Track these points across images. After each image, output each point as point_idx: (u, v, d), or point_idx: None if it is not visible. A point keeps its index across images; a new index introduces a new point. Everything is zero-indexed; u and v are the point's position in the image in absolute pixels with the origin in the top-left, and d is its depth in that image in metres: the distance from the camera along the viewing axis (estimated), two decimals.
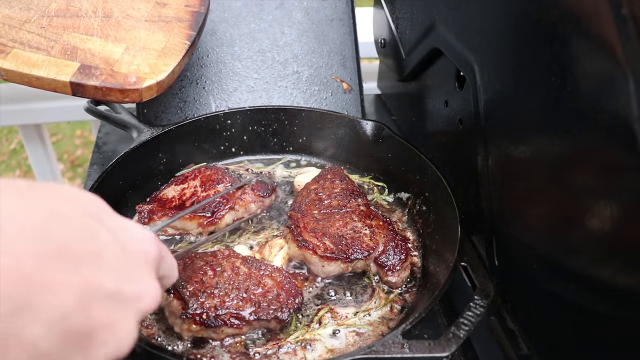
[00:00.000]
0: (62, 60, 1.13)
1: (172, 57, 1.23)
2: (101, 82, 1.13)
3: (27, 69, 1.10)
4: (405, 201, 1.34)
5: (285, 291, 1.05)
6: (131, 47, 1.22)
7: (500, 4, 0.98)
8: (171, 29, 1.29)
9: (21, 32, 1.16)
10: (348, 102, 1.59)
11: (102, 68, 1.16)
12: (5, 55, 1.11)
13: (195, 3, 1.37)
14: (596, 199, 0.79)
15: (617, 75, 0.70)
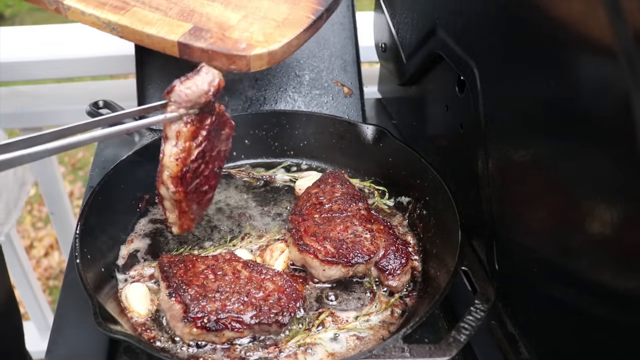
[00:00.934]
0: (176, 21, 1.13)
1: (291, 28, 1.17)
2: (209, 45, 1.10)
3: (140, 26, 1.10)
4: (405, 205, 1.34)
5: (286, 295, 1.05)
6: (250, 15, 1.18)
7: (499, 10, 0.98)
8: (297, 1, 1.24)
9: None
10: (349, 106, 1.60)
11: (214, 32, 1.13)
12: (125, 13, 1.12)
13: None
14: (596, 203, 0.79)
15: (616, 79, 0.70)
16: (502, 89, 1.01)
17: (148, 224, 1.31)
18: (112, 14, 1.12)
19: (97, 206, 1.17)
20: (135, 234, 1.28)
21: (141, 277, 1.17)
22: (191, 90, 0.93)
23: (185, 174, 1.00)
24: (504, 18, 0.97)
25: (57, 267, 4.04)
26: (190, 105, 0.94)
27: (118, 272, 1.18)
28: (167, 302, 1.04)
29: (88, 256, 1.09)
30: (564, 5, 0.80)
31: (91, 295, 0.98)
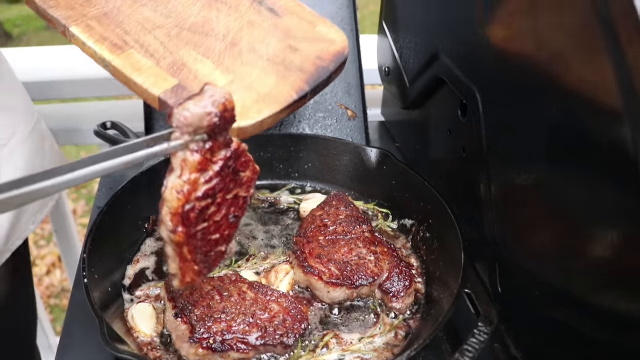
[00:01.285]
0: (164, 74, 1.11)
1: (270, 105, 1.11)
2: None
3: (130, 72, 1.09)
4: (409, 228, 1.35)
5: (291, 317, 1.06)
6: (236, 81, 1.13)
7: (502, 37, 1.01)
8: (288, 76, 1.17)
9: (149, 35, 1.16)
10: (353, 129, 1.62)
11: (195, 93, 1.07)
12: (121, 53, 1.11)
13: (327, 58, 1.22)
14: (597, 226, 0.81)
15: (617, 110, 0.72)
16: (504, 114, 1.03)
17: (154, 243, 1.32)
18: (108, 52, 1.11)
19: (105, 226, 1.19)
20: (141, 254, 1.29)
21: (147, 298, 1.18)
22: (190, 112, 0.82)
23: (189, 213, 0.87)
24: (505, 45, 0.99)
25: (58, 285, 4.04)
26: (194, 130, 0.83)
27: (124, 292, 1.19)
28: (173, 323, 1.05)
29: (95, 276, 1.10)
30: (568, 57, 0.82)
31: (99, 315, 0.99)
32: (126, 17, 1.18)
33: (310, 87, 1.16)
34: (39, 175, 0.68)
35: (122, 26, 1.16)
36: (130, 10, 1.20)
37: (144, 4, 1.22)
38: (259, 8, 1.27)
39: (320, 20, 1.29)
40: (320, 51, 1.22)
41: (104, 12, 1.18)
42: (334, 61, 1.21)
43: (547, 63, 0.87)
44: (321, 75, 1.18)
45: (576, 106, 0.81)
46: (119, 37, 1.14)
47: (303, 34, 1.24)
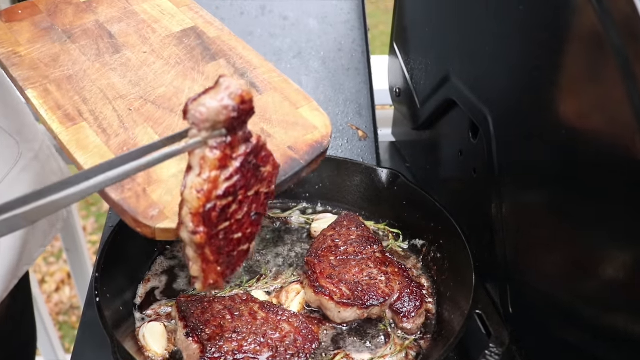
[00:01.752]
0: (109, 155, 0.99)
1: None
2: (120, 199, 0.93)
3: (73, 149, 1.00)
4: (420, 248, 1.35)
5: (302, 336, 1.06)
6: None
7: (512, 59, 1.02)
8: None
9: (108, 106, 1.07)
10: (363, 150, 1.63)
11: (139, 182, 0.96)
12: (71, 126, 1.02)
13: (302, 149, 1.07)
14: (609, 248, 0.81)
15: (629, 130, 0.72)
16: (515, 136, 1.03)
17: (165, 262, 1.33)
18: (58, 123, 1.02)
19: (117, 245, 1.20)
20: (152, 272, 1.30)
21: (158, 316, 1.19)
22: (206, 107, 0.77)
23: (210, 212, 0.82)
24: (516, 67, 1.00)
25: (67, 302, 4.05)
26: (211, 126, 0.78)
27: (135, 311, 1.20)
28: (184, 342, 1.06)
29: (107, 295, 1.11)
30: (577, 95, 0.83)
31: (110, 335, 0.99)
32: (89, 82, 1.11)
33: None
34: (54, 186, 0.66)
35: (82, 93, 1.09)
36: (97, 74, 1.13)
37: (113, 68, 1.15)
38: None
39: (305, 101, 1.17)
40: (294, 139, 1.08)
41: (68, 75, 1.11)
42: (309, 152, 1.07)
43: (558, 84, 0.88)
44: (288, 171, 1.03)
45: (588, 127, 0.82)
46: (75, 106, 1.06)
47: (281, 116, 1.12)
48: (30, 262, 1.49)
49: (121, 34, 1.22)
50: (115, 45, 1.19)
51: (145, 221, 0.91)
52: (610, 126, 0.77)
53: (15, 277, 1.42)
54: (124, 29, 1.23)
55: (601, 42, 0.75)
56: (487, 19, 1.08)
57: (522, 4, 0.95)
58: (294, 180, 1.05)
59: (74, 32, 1.19)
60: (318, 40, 1.70)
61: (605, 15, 0.74)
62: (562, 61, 0.86)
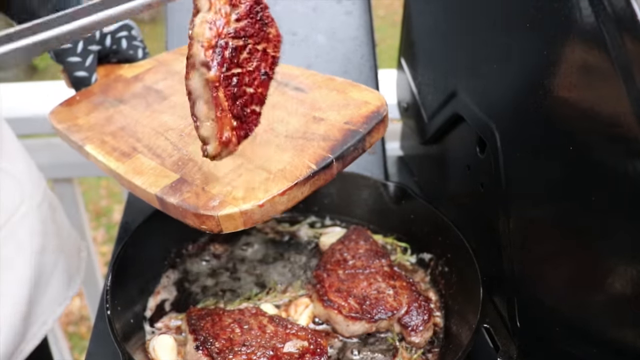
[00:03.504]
0: (167, 171, 1.01)
1: (281, 182, 0.94)
2: (179, 201, 0.94)
3: (131, 176, 1.02)
4: (427, 262, 1.36)
5: (310, 350, 1.07)
6: (246, 163, 0.99)
7: (518, 75, 1.03)
8: (307, 148, 1.01)
9: (160, 137, 1.10)
10: (371, 164, 1.64)
11: (196, 184, 0.97)
12: (127, 160, 1.06)
13: (358, 120, 1.07)
14: (618, 262, 0.81)
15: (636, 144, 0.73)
16: (522, 151, 1.04)
17: (175, 275, 1.34)
18: (115, 161, 1.06)
19: (128, 258, 1.21)
20: (162, 285, 1.31)
21: (168, 329, 1.20)
22: None
23: (222, 49, 0.81)
24: (523, 83, 1.01)
25: (77, 313, 4.07)
26: None
27: (145, 323, 1.21)
28: (194, 355, 1.07)
29: (118, 308, 1.12)
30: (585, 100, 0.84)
31: (121, 347, 1.00)
32: (141, 127, 1.15)
33: (334, 154, 1.00)
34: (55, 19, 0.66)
35: (136, 135, 1.12)
36: (148, 119, 1.17)
37: (162, 112, 1.18)
38: (283, 90, 1.18)
39: (352, 87, 1.19)
40: (349, 116, 1.09)
41: (121, 127, 1.16)
42: (367, 122, 1.07)
43: (565, 100, 0.88)
44: (349, 140, 1.03)
45: (597, 141, 0.83)
46: (130, 145, 1.10)
47: (331, 102, 1.13)
48: (46, 324, 1.48)
49: (167, 87, 1.27)
50: (162, 96, 1.24)
51: (208, 212, 0.91)
52: (618, 142, 0.78)
53: (25, 340, 1.41)
54: (169, 84, 1.28)
55: (610, 60, 0.76)
56: (494, 35, 1.10)
57: (528, 21, 0.96)
58: (359, 150, 1.06)
59: (124, 98, 1.25)
60: (327, 56, 1.71)
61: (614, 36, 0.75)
62: (569, 78, 0.87)
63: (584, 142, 0.85)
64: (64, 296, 1.55)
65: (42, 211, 1.50)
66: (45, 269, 1.47)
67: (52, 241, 1.52)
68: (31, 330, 1.42)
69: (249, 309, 1.16)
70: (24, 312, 1.38)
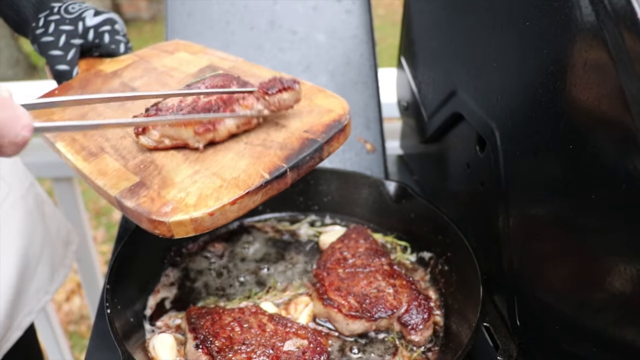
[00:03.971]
0: (127, 174, 1.02)
1: (232, 190, 0.96)
2: (135, 205, 0.96)
3: (94, 177, 1.03)
4: (427, 260, 1.36)
5: (310, 349, 1.07)
6: (203, 170, 1.01)
7: (518, 74, 1.03)
8: (264, 155, 1.03)
9: (128, 138, 1.11)
10: (371, 162, 1.64)
11: (153, 189, 0.99)
12: (93, 160, 1.07)
13: (318, 129, 1.08)
14: (617, 261, 0.81)
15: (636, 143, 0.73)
16: (522, 149, 1.04)
17: (175, 273, 1.34)
18: (82, 160, 1.08)
19: (127, 257, 1.21)
20: (162, 284, 1.31)
21: (168, 328, 1.20)
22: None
23: None
24: (523, 82, 1.01)
25: (77, 312, 4.07)
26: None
27: (145, 322, 1.21)
28: (193, 354, 1.07)
29: (118, 306, 1.12)
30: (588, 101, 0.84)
31: (121, 346, 1.00)
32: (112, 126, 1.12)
33: (288, 163, 1.01)
34: None
35: (105, 134, 1.14)
36: (120, 117, 1.18)
37: (133, 111, 1.18)
38: None
39: (319, 92, 1.19)
40: (310, 124, 1.09)
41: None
42: (325, 132, 1.07)
43: (565, 98, 0.88)
44: (305, 150, 1.03)
45: (596, 140, 0.82)
46: (98, 145, 1.11)
47: (296, 108, 1.12)
48: (32, 313, 1.49)
49: (142, 86, 1.28)
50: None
51: (160, 218, 0.92)
52: (618, 140, 0.78)
53: (11, 328, 1.42)
54: (145, 81, 1.29)
55: (610, 58, 0.76)
56: (493, 34, 1.10)
57: (529, 19, 0.96)
58: (315, 159, 1.06)
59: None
60: (326, 55, 1.72)
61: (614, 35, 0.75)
62: (570, 76, 0.86)
63: (585, 141, 0.85)
64: (48, 287, 1.57)
65: (27, 203, 1.51)
66: (32, 258, 1.49)
67: (39, 232, 1.53)
68: (17, 318, 1.43)
69: (248, 308, 1.16)
70: (11, 300, 1.39)
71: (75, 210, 2.39)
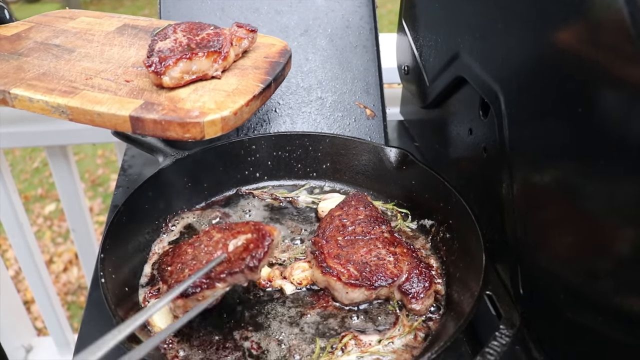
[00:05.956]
0: (126, 99, 1.12)
1: (242, 95, 1.17)
2: (161, 116, 1.08)
3: (90, 106, 1.09)
4: (428, 228, 1.34)
5: (253, 241, 1.06)
6: (200, 88, 1.19)
7: (525, 35, 0.99)
8: (246, 74, 1.26)
9: (95, 79, 1.19)
10: (371, 128, 1.60)
11: (166, 104, 1.12)
12: (74, 96, 1.12)
13: (274, 55, 1.35)
14: (623, 226, 0.79)
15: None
16: (527, 113, 1.01)
17: (170, 240, 1.32)
18: (60, 97, 1.12)
19: (121, 226, 1.19)
20: (156, 251, 1.29)
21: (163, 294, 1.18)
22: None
23: None
24: (529, 44, 0.98)
25: (75, 282, 4.07)
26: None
27: (141, 290, 1.19)
28: (161, 289, 1.10)
29: (112, 276, 1.10)
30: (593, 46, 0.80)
31: (115, 315, 0.98)
32: (66, 72, 1.22)
33: (271, 76, 1.26)
34: None
35: (65, 78, 1.19)
36: (68, 65, 1.24)
37: (78, 60, 1.27)
38: None
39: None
40: (265, 53, 1.36)
41: (42, 72, 1.21)
42: (282, 56, 1.35)
43: (572, 59, 0.85)
44: (276, 68, 1.30)
45: (606, 103, 0.79)
46: (66, 85, 1.16)
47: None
48: None
49: (65, 42, 1.36)
50: (66, 49, 1.32)
51: (193, 120, 1.08)
52: (629, 102, 0.75)
53: None
54: (65, 39, 1.37)
55: (618, 16, 0.72)
56: None
57: None
58: (282, 78, 1.33)
59: (20, 52, 1.30)
60: (325, 18, 1.67)
61: None
62: (577, 37, 0.83)
63: (594, 103, 0.82)
64: None
65: None
66: None
67: None
68: None
69: (203, 230, 1.19)
70: None
71: (70, 180, 2.36)
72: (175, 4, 1.64)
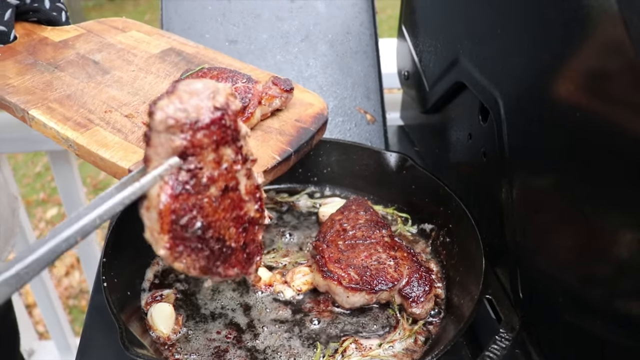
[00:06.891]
0: (133, 147, 1.05)
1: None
2: None
3: (95, 148, 1.04)
4: (429, 232, 1.34)
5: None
6: None
7: (524, 40, 1.00)
8: (267, 140, 1.15)
9: (115, 112, 1.13)
10: (371, 133, 1.61)
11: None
12: (85, 131, 1.07)
13: (307, 120, 1.23)
14: (622, 231, 0.79)
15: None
16: (526, 119, 1.02)
17: None
18: (72, 130, 1.07)
19: (124, 230, 1.19)
20: (159, 257, 1.29)
21: (166, 299, 1.18)
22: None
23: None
24: (528, 49, 0.98)
25: (77, 286, 4.07)
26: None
27: (143, 294, 1.20)
28: None
29: (115, 280, 1.10)
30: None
31: (118, 319, 0.99)
32: (90, 98, 1.17)
33: (293, 147, 1.14)
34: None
35: (86, 106, 1.14)
36: (95, 91, 1.19)
37: (108, 85, 1.21)
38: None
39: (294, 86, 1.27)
40: (298, 114, 1.24)
41: (66, 95, 1.17)
42: (314, 122, 1.23)
43: (571, 66, 0.86)
44: (302, 136, 1.18)
45: (605, 107, 0.80)
46: (83, 116, 1.12)
47: None
48: None
49: (105, 60, 1.30)
50: (103, 69, 1.26)
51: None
52: (623, 109, 0.75)
53: None
54: (106, 56, 1.31)
55: (614, 24, 0.73)
56: (498, 0, 1.07)
57: None
58: (309, 146, 1.20)
59: (59, 64, 1.26)
60: (326, 24, 1.68)
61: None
62: (577, 43, 0.84)
63: (591, 110, 0.82)
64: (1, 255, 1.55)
65: None
66: None
67: None
68: None
69: None
70: None
71: (72, 184, 2.37)
72: (177, 9, 1.65)
